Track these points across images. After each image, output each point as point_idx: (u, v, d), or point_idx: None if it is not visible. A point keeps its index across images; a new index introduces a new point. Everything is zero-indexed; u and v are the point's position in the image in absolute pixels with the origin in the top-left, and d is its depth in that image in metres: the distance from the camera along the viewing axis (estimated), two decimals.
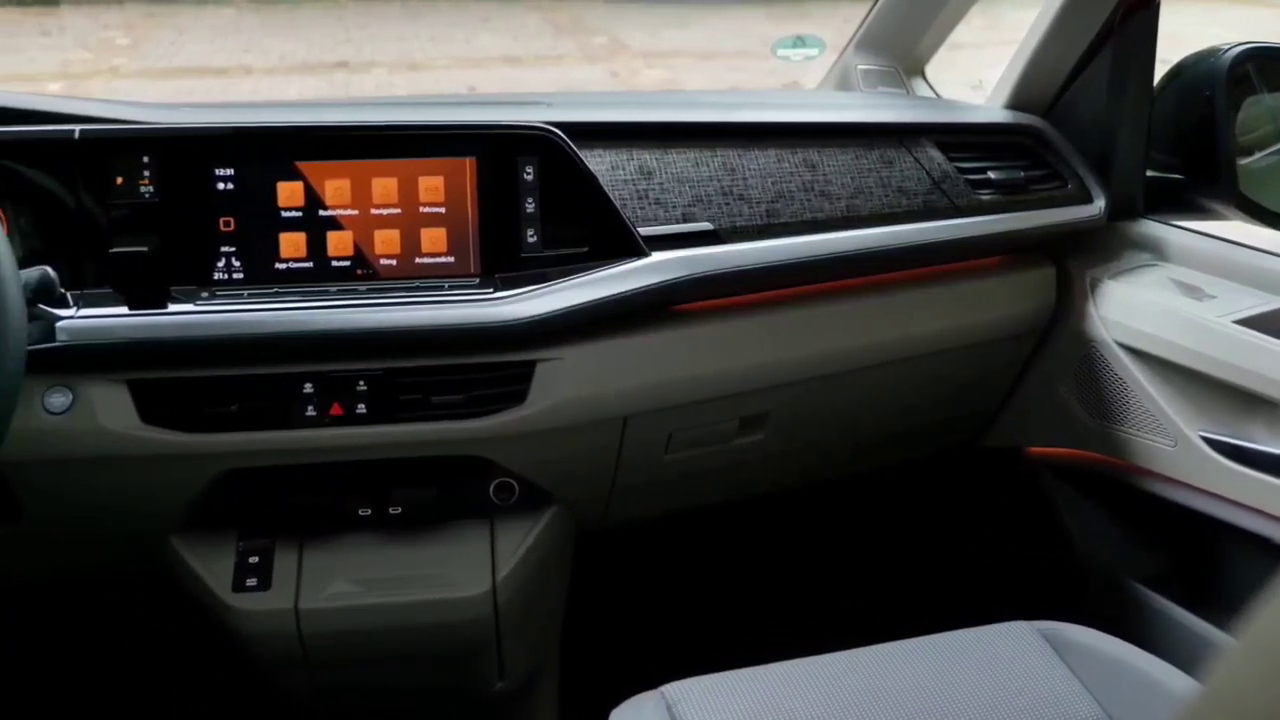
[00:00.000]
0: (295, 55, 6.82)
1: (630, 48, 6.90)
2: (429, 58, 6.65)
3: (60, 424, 1.14)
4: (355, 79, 6.16)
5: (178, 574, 1.27)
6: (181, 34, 7.53)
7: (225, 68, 6.38)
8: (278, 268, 1.21)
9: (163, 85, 6.05)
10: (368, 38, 7.25)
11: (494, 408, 1.22)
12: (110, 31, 7.59)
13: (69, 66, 6.55)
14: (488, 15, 7.66)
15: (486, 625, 1.29)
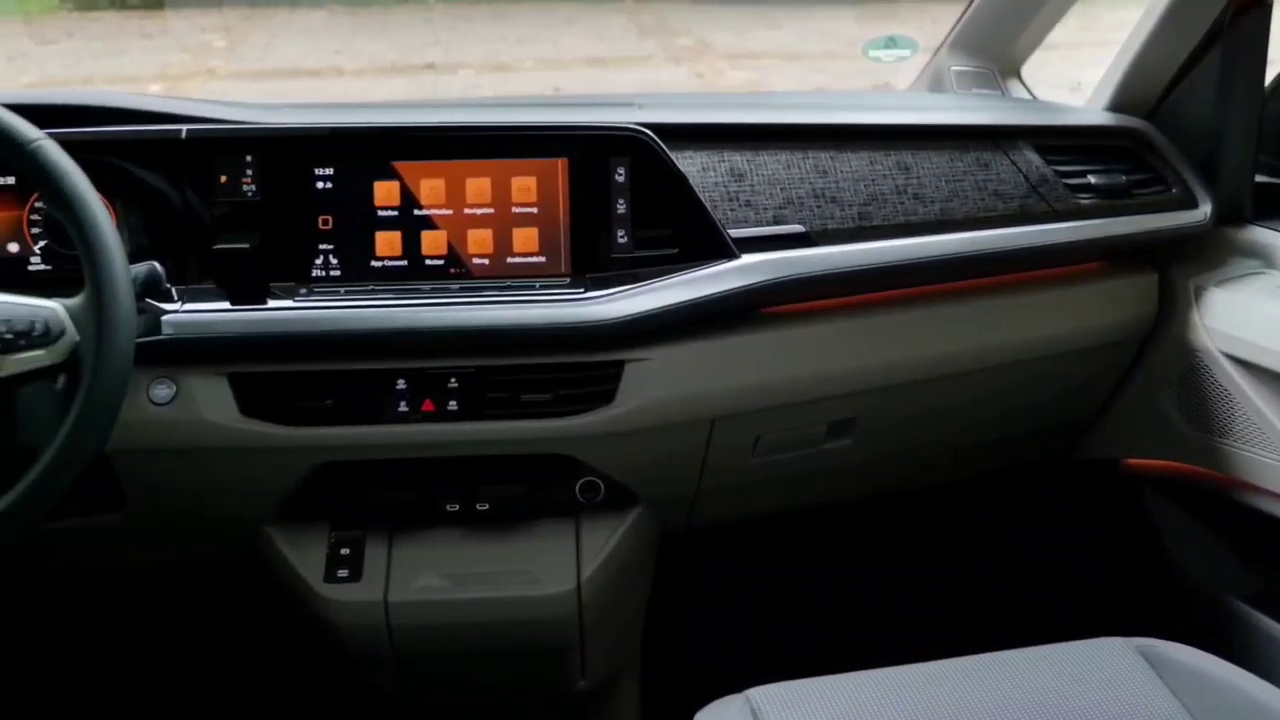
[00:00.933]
0: (385, 57, 6.93)
1: (715, 49, 6.87)
2: (515, 59, 6.71)
3: (164, 415, 1.18)
4: (443, 80, 6.24)
5: (271, 563, 1.30)
6: (276, 36, 7.72)
7: (317, 69, 6.51)
8: (373, 265, 1.23)
9: (257, 86, 6.20)
10: (456, 40, 7.34)
11: (582, 407, 1.22)
12: (208, 34, 7.81)
13: (168, 68, 6.75)
14: (574, 17, 7.69)
15: (570, 624, 1.29)
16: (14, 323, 0.99)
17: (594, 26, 7.54)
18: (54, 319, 1.00)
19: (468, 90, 5.90)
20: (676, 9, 8.03)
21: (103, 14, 8.56)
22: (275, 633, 1.40)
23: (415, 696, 1.38)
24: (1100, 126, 1.50)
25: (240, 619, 1.57)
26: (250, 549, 1.30)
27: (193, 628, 1.68)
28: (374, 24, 8.10)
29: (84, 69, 6.91)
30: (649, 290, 1.21)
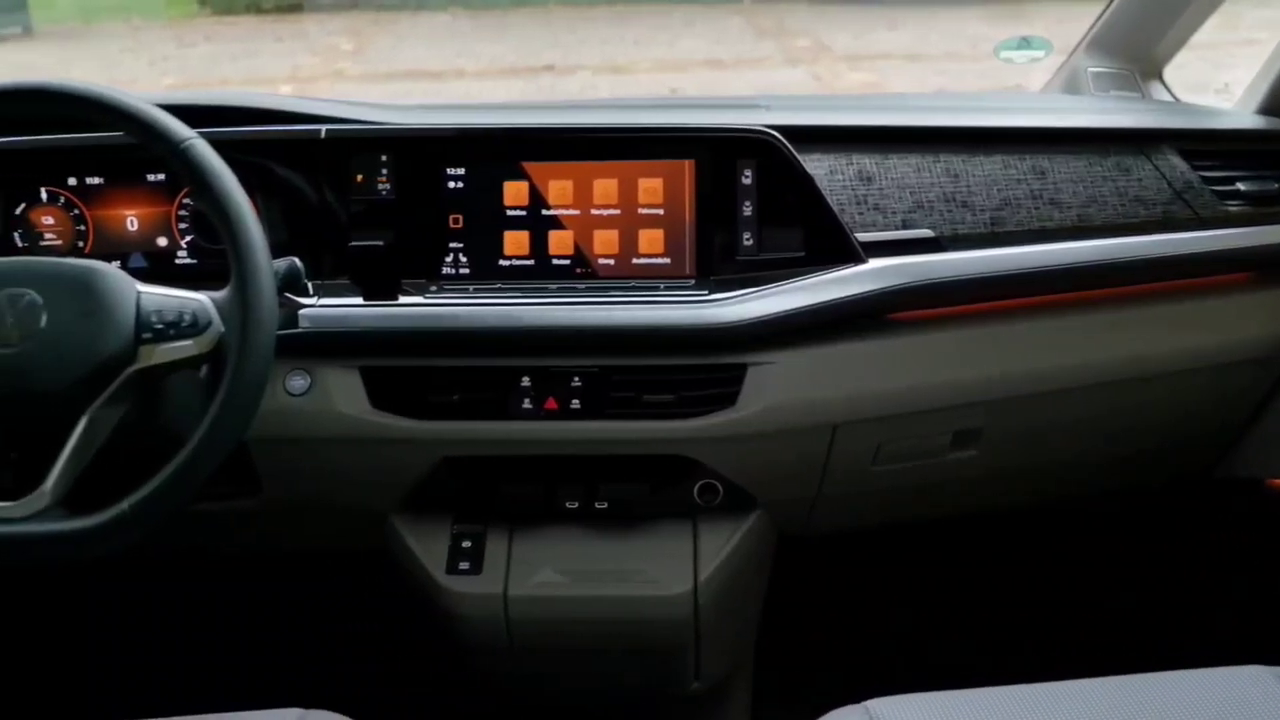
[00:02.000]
0: (504, 59, 7.06)
1: (833, 50, 6.81)
2: (631, 61, 6.76)
3: (299, 405, 1.22)
4: (560, 82, 6.32)
5: (396, 553, 1.33)
6: (401, 39, 7.93)
7: (440, 71, 6.66)
8: (501, 264, 1.25)
9: (383, 88, 6.37)
10: (574, 42, 7.43)
11: (704, 409, 1.22)
12: (336, 37, 8.06)
13: (298, 70, 6.98)
14: (691, 19, 7.71)
15: (686, 625, 1.29)
16: (164, 313, 1.03)
17: (711, 28, 7.54)
18: (201, 311, 1.04)
19: (584, 91, 5.96)
20: (795, 10, 7.98)
21: (239, 18, 8.92)
22: (399, 620, 1.43)
23: (531, 689, 1.40)
24: (1251, 130, 1.43)
25: (366, 606, 1.61)
26: (376, 538, 1.33)
27: (319, 612, 1.73)
28: (494, 26, 8.25)
29: (220, 71, 7.21)
30: (774, 293, 1.21)
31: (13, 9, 8.07)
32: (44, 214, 1.30)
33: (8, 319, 1.00)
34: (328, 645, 1.72)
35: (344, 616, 1.71)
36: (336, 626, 1.72)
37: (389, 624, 1.53)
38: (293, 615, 1.74)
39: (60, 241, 1.30)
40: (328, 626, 1.73)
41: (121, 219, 1.30)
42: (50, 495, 0.99)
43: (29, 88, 1.05)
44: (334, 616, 1.72)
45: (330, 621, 1.73)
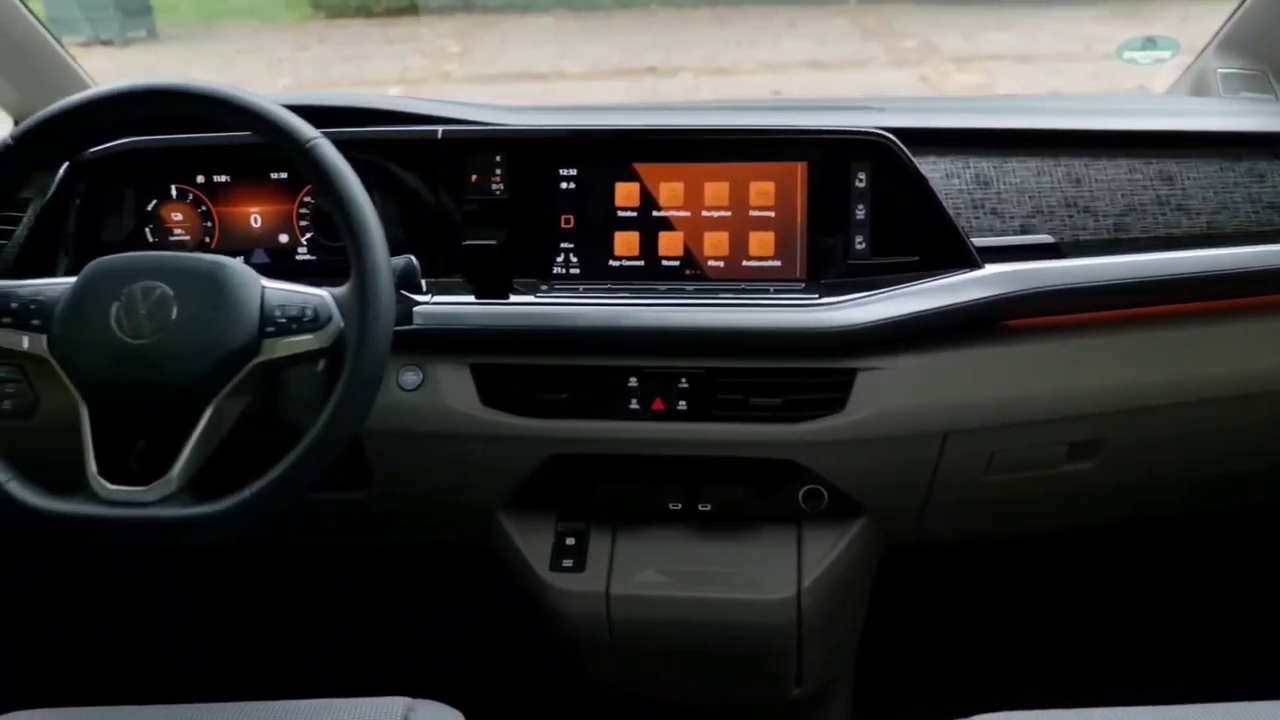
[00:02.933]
0: (608, 60, 7.10)
1: (942, 51, 6.69)
2: (734, 62, 6.74)
3: (411, 400, 1.24)
4: (663, 83, 6.34)
5: (500, 548, 1.35)
6: (506, 41, 8.04)
7: (544, 73, 6.74)
8: (611, 265, 1.26)
9: (488, 89, 6.47)
10: (676, 43, 7.44)
11: (812, 414, 1.21)
12: (444, 40, 8.21)
13: (407, 72, 7.13)
14: (794, 20, 7.66)
15: (788, 631, 1.28)
16: (287, 308, 1.06)
17: (815, 29, 7.48)
18: (322, 306, 1.06)
19: (687, 93, 5.96)
20: (901, 11, 7.86)
21: (350, 21, 9.15)
22: (505, 614, 1.45)
23: (632, 688, 1.40)
24: None
25: (473, 599, 1.63)
26: (482, 533, 1.35)
27: (427, 604, 1.76)
28: (598, 28, 8.31)
29: (332, 73, 7.42)
30: (886, 298, 1.19)
31: (138, 13, 8.41)
32: (174, 210, 1.35)
33: (141, 311, 1.04)
34: (435, 637, 1.75)
35: (451, 608, 1.74)
36: (444, 618, 1.75)
37: (495, 617, 1.55)
38: (401, 606, 1.77)
39: (188, 237, 1.35)
40: (435, 618, 1.76)
41: (245, 216, 1.35)
42: (177, 481, 1.03)
43: (164, 89, 1.09)
44: (441, 608, 1.75)
45: (438, 613, 1.76)
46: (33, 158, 1.11)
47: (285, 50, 8.45)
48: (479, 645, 1.72)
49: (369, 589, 1.77)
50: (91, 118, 1.10)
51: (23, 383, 1.29)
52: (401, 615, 1.78)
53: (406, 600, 1.77)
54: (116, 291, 1.05)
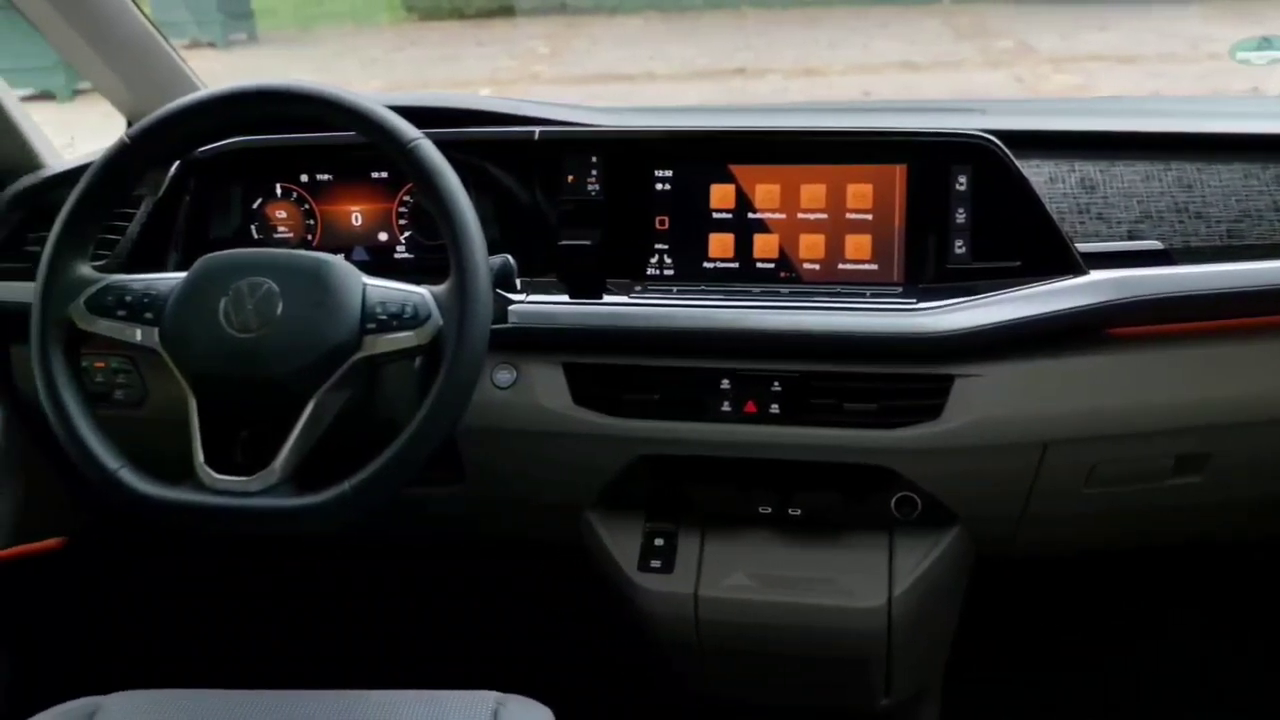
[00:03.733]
0: (696, 62, 7.10)
1: (1038, 52, 6.54)
2: (824, 63, 6.68)
3: (505, 398, 1.26)
4: (751, 84, 6.31)
5: (589, 547, 1.35)
6: (595, 43, 8.09)
7: (632, 74, 6.76)
8: (705, 266, 1.26)
9: (576, 90, 6.51)
10: (766, 44, 7.40)
11: (907, 420, 1.19)
12: (533, 41, 8.29)
13: (497, 73, 7.22)
14: (886, 21, 7.56)
15: (878, 639, 1.26)
16: (388, 305, 1.08)
17: (907, 30, 7.37)
18: (422, 304, 1.08)
19: (775, 94, 5.93)
20: (997, 11, 7.71)
21: (443, 23, 9.30)
22: (593, 612, 1.46)
23: (717, 690, 1.40)
24: None
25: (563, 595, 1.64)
26: (570, 531, 1.36)
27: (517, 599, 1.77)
28: (686, 30, 8.31)
29: (425, 74, 7.54)
30: (987, 304, 1.16)
31: (240, 16, 8.66)
32: (278, 208, 1.38)
33: (248, 306, 1.07)
34: (525, 633, 1.77)
35: (541, 605, 1.75)
36: (535, 615, 1.77)
37: (585, 615, 1.56)
38: (492, 601, 1.79)
39: (291, 235, 1.38)
40: (526, 614, 1.77)
41: (347, 214, 1.37)
42: (279, 473, 1.05)
43: (274, 90, 1.11)
44: (532, 604, 1.76)
45: (528, 609, 1.77)
46: (148, 156, 1.14)
47: (379, 52, 8.62)
48: (569, 642, 1.73)
49: (460, 583, 1.80)
50: (205, 117, 1.13)
51: (134, 374, 1.34)
52: (492, 610, 1.80)
53: (497, 595, 1.79)
54: (225, 287, 1.08)
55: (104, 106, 1.53)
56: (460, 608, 1.81)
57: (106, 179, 1.12)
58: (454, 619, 1.81)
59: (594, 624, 1.50)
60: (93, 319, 1.10)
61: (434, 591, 1.81)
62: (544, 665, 1.59)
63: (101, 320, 1.10)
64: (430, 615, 1.82)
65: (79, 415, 1.08)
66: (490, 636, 1.78)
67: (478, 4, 9.10)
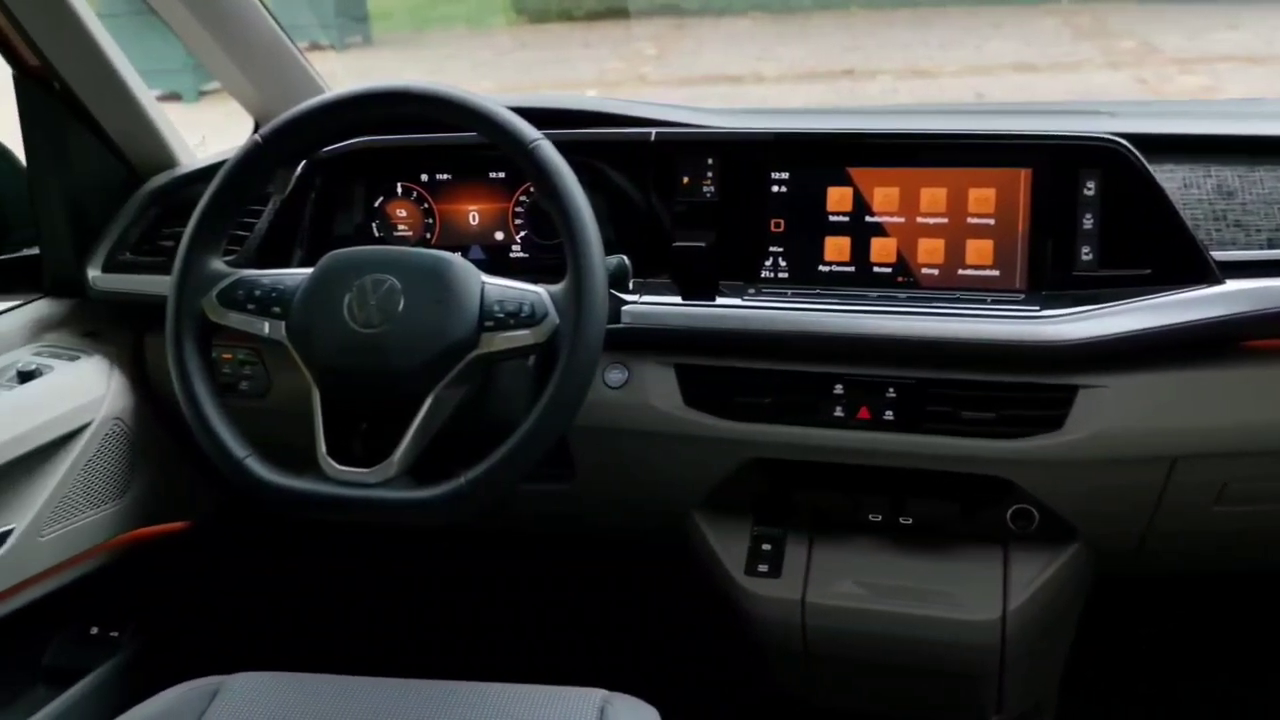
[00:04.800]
0: (804, 63, 7.04)
1: (1163, 52, 6.30)
2: (935, 64, 6.56)
3: (617, 398, 1.26)
4: (860, 85, 6.23)
5: (695, 548, 1.35)
6: (702, 44, 8.08)
7: (739, 75, 6.73)
8: (820, 270, 1.24)
9: (683, 92, 6.51)
10: (875, 45, 7.29)
11: (1026, 430, 1.16)
12: (640, 43, 8.32)
13: (604, 75, 7.27)
14: (1000, 21, 7.37)
15: (991, 653, 1.23)
16: (505, 303, 1.09)
17: (1022, 30, 7.18)
18: (539, 303, 1.09)
19: (885, 95, 5.84)
20: (1119, 10, 7.45)
21: (551, 25, 9.40)
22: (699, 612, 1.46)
23: (821, 699, 1.38)
24: None
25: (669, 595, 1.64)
26: (677, 532, 1.36)
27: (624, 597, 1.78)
28: (794, 30, 8.24)
29: (533, 75, 7.63)
30: (1114, 312, 1.13)
31: (356, 19, 8.90)
32: (398, 207, 1.41)
33: (371, 302, 1.10)
34: (631, 630, 1.77)
35: (648, 603, 1.75)
36: (641, 612, 1.77)
37: (690, 615, 1.56)
38: (597, 597, 1.80)
39: (411, 233, 1.41)
40: (634, 613, 1.78)
41: (465, 213, 1.40)
42: (398, 466, 1.07)
43: (401, 91, 1.14)
44: (638, 602, 1.77)
45: (636, 608, 1.78)
46: (278, 155, 1.18)
47: (489, 54, 8.75)
48: (675, 642, 1.73)
49: (568, 578, 1.81)
50: (333, 118, 1.16)
51: (258, 366, 1.39)
52: (599, 607, 1.81)
53: (604, 592, 1.80)
54: (349, 283, 1.11)
55: (227, 107, 1.59)
56: (567, 603, 1.82)
57: (239, 177, 1.16)
58: (561, 614, 1.83)
59: (700, 625, 1.50)
60: (224, 312, 1.13)
61: (541, 586, 1.83)
62: (650, 664, 1.59)
63: (232, 313, 1.13)
64: (537, 610, 1.84)
65: (210, 404, 1.12)
66: (596, 633, 1.79)
67: (586, 6, 9.17)
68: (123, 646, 1.50)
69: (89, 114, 1.41)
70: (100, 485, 1.38)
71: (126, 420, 1.41)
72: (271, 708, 1.08)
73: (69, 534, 1.34)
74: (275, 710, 1.07)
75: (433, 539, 1.71)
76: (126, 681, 1.48)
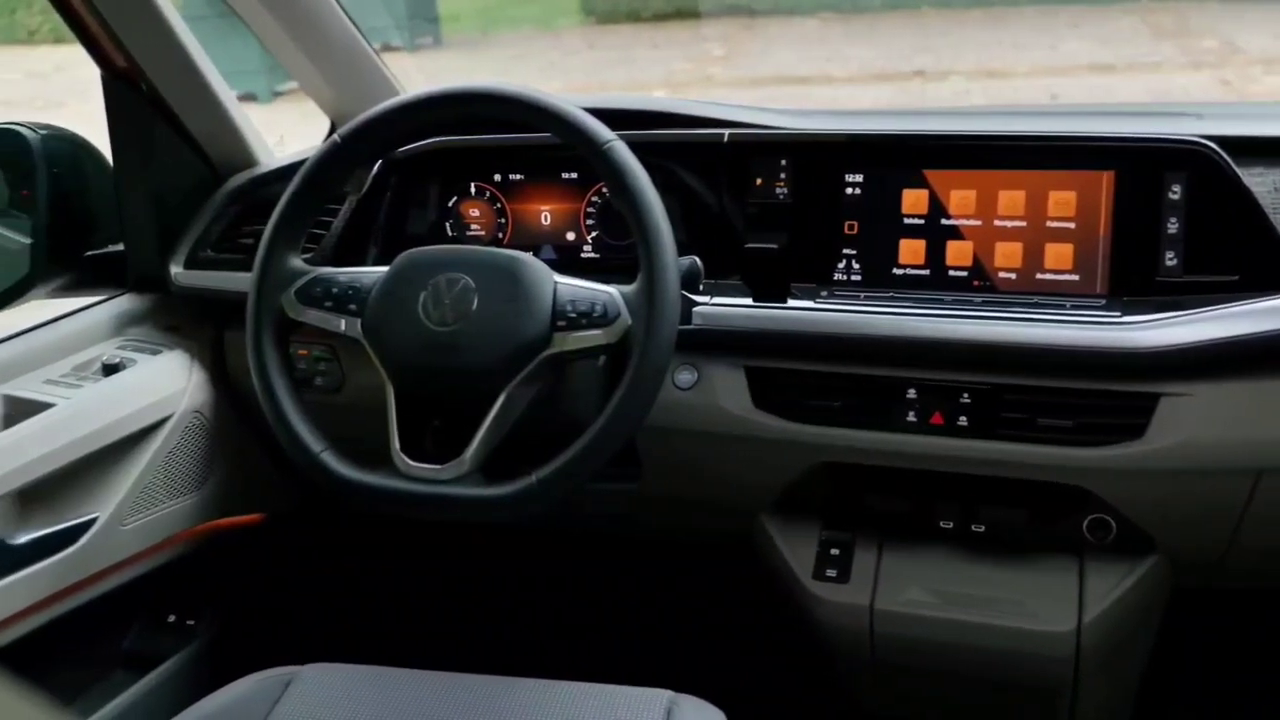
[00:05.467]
0: (874, 64, 6.98)
1: (1247, 51, 6.14)
2: (1008, 65, 6.46)
3: (686, 399, 1.26)
4: (931, 87, 6.16)
5: (763, 551, 1.34)
6: (770, 44, 8.05)
7: (807, 76, 6.70)
8: (894, 273, 1.23)
9: (750, 93, 6.49)
10: (947, 46, 7.20)
11: (1106, 439, 1.13)
12: (708, 43, 8.32)
13: (672, 76, 7.28)
14: (1077, 20, 7.24)
15: (1064, 666, 1.21)
16: (578, 303, 1.10)
17: (1100, 29, 7.04)
18: (611, 303, 1.09)
19: (957, 97, 5.77)
20: (1201, 9, 7.27)
21: (619, 26, 9.43)
22: (765, 615, 1.45)
23: (891, 708, 1.36)
24: None
25: (735, 597, 1.63)
26: (744, 534, 1.35)
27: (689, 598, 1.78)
28: (864, 31, 8.18)
29: (600, 76, 7.67)
30: (1200, 319, 1.10)
31: (427, 21, 9.02)
32: (472, 207, 1.43)
33: (445, 301, 1.11)
34: (697, 631, 1.77)
35: (713, 604, 1.75)
36: (706, 614, 1.77)
37: (756, 617, 1.55)
38: (663, 597, 1.80)
39: (484, 232, 1.43)
40: (698, 612, 1.78)
41: (537, 213, 1.41)
42: (470, 463, 1.08)
43: (477, 92, 1.15)
44: (704, 603, 1.77)
45: (700, 608, 1.77)
46: (356, 155, 1.20)
47: (556, 55, 8.81)
48: (741, 644, 1.72)
49: (634, 578, 1.81)
50: (410, 118, 1.17)
51: (333, 362, 1.41)
52: (664, 607, 1.81)
53: (670, 592, 1.80)
54: (424, 281, 1.12)
55: (301, 108, 1.62)
56: (632, 603, 1.83)
57: (319, 177, 1.18)
58: (625, 614, 1.83)
59: (766, 628, 1.49)
60: (302, 309, 1.15)
61: (607, 585, 1.83)
62: (715, 666, 1.58)
63: (310, 310, 1.15)
64: (602, 609, 1.84)
65: (288, 399, 1.14)
66: (661, 633, 1.79)
67: (654, 7, 9.19)
68: (198, 635, 1.53)
69: (174, 114, 1.44)
70: (180, 477, 1.42)
71: (206, 413, 1.44)
72: (343, 699, 1.09)
73: (149, 523, 1.37)
74: (346, 702, 1.09)
75: (500, 536, 1.73)
76: (201, 669, 1.52)
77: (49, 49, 8.99)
